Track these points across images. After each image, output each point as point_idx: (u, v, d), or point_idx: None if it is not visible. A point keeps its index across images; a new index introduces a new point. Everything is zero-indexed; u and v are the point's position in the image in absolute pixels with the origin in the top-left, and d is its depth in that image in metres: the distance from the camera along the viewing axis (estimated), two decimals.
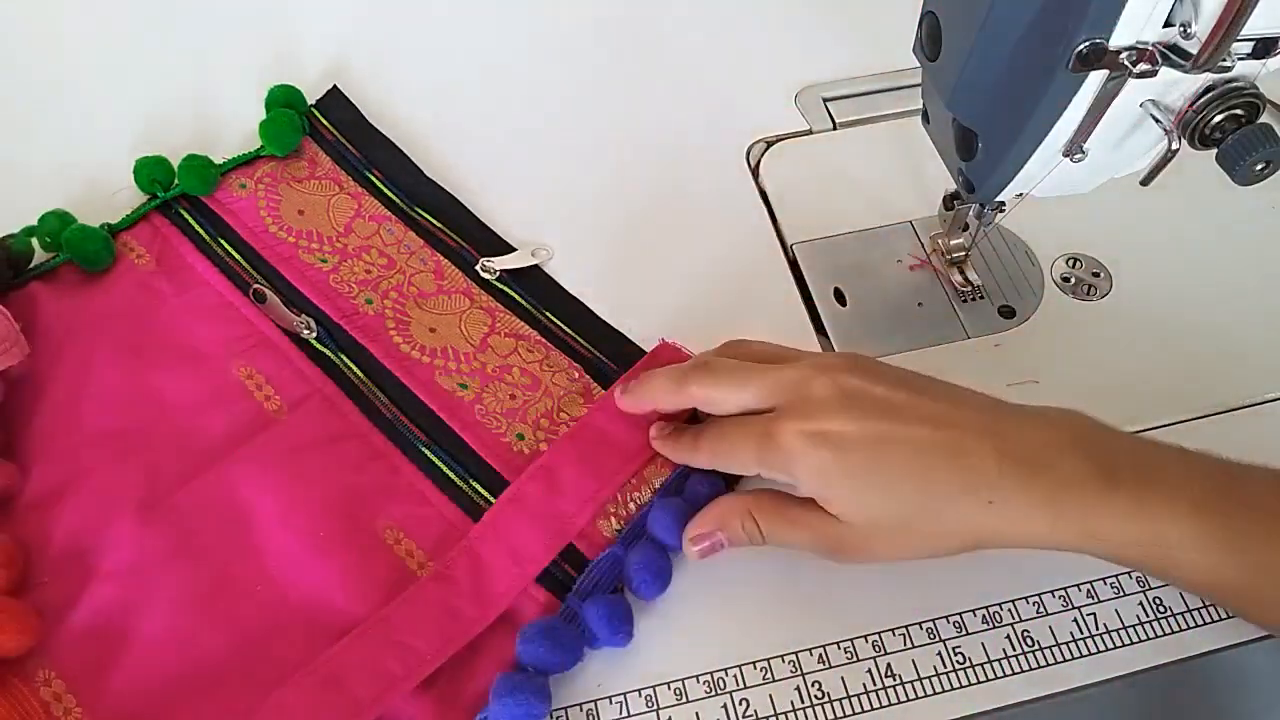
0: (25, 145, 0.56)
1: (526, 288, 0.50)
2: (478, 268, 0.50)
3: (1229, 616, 0.41)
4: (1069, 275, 0.51)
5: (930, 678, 0.40)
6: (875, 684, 0.39)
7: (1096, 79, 0.36)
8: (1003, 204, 0.45)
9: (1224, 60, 0.34)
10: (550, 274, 0.51)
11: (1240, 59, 0.35)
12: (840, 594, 0.41)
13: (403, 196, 0.53)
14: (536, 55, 0.61)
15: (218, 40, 0.61)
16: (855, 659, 0.40)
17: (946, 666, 0.40)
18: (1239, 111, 0.36)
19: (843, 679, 0.40)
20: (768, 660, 0.40)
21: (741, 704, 0.39)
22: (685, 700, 0.39)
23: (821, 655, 0.40)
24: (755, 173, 0.56)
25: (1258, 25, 0.33)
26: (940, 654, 0.40)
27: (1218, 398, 0.47)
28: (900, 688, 0.39)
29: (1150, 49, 0.34)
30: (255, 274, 0.50)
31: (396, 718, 0.38)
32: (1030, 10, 0.35)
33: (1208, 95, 0.36)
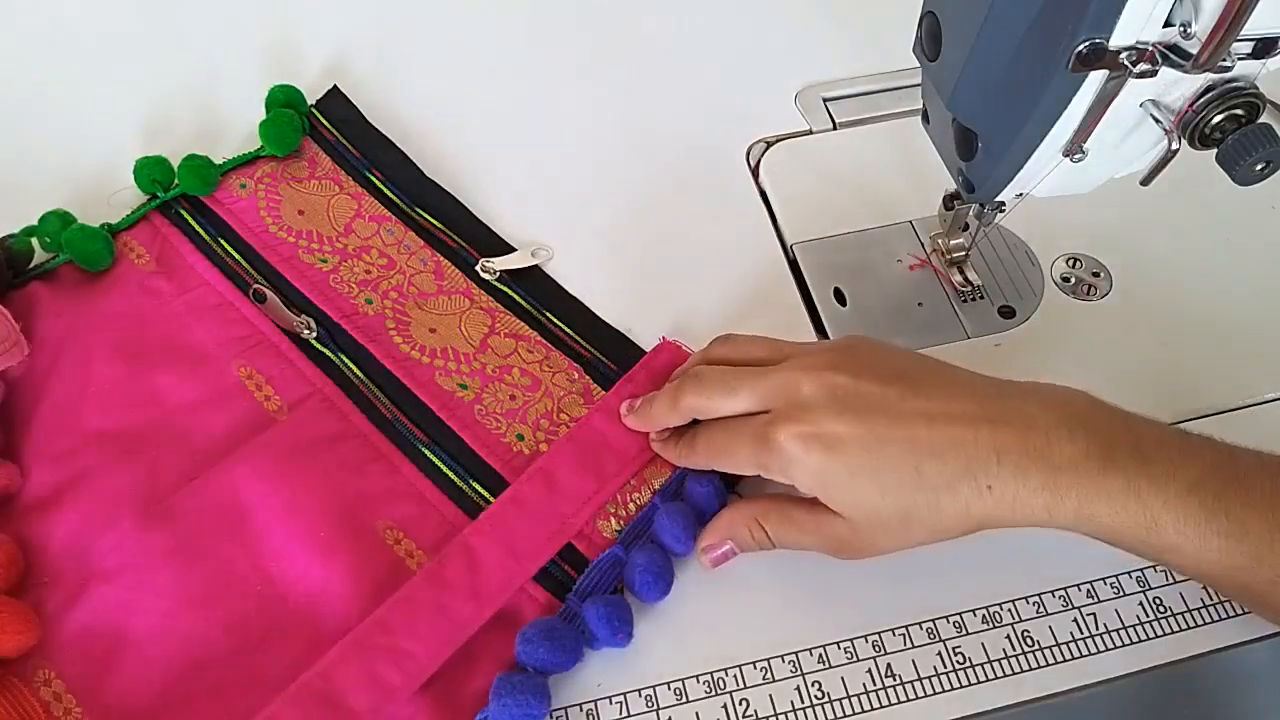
0: (26, 145, 0.56)
1: (526, 288, 0.50)
2: (478, 268, 0.50)
3: (1229, 616, 0.41)
4: (1069, 275, 0.51)
5: (930, 678, 0.40)
6: (875, 684, 0.40)
7: (1096, 79, 0.36)
8: (1003, 204, 0.45)
9: (1224, 60, 0.34)
10: (550, 274, 0.51)
11: (1240, 59, 0.35)
12: (840, 594, 0.41)
13: (403, 197, 0.53)
14: (536, 56, 0.61)
15: (218, 40, 0.61)
16: (855, 659, 0.40)
17: (946, 666, 0.40)
18: (1239, 111, 0.36)
19: (843, 679, 0.40)
20: (768, 660, 0.40)
21: (741, 704, 0.39)
22: (685, 700, 0.39)
23: (821, 655, 0.40)
24: (755, 173, 0.56)
25: (1258, 25, 0.33)
26: (940, 654, 0.40)
27: (1218, 398, 0.47)
28: (900, 688, 0.39)
29: (1150, 49, 0.34)
30: (255, 274, 0.50)
31: (396, 718, 0.38)
32: (1030, 10, 0.35)
33: (1208, 95, 0.36)
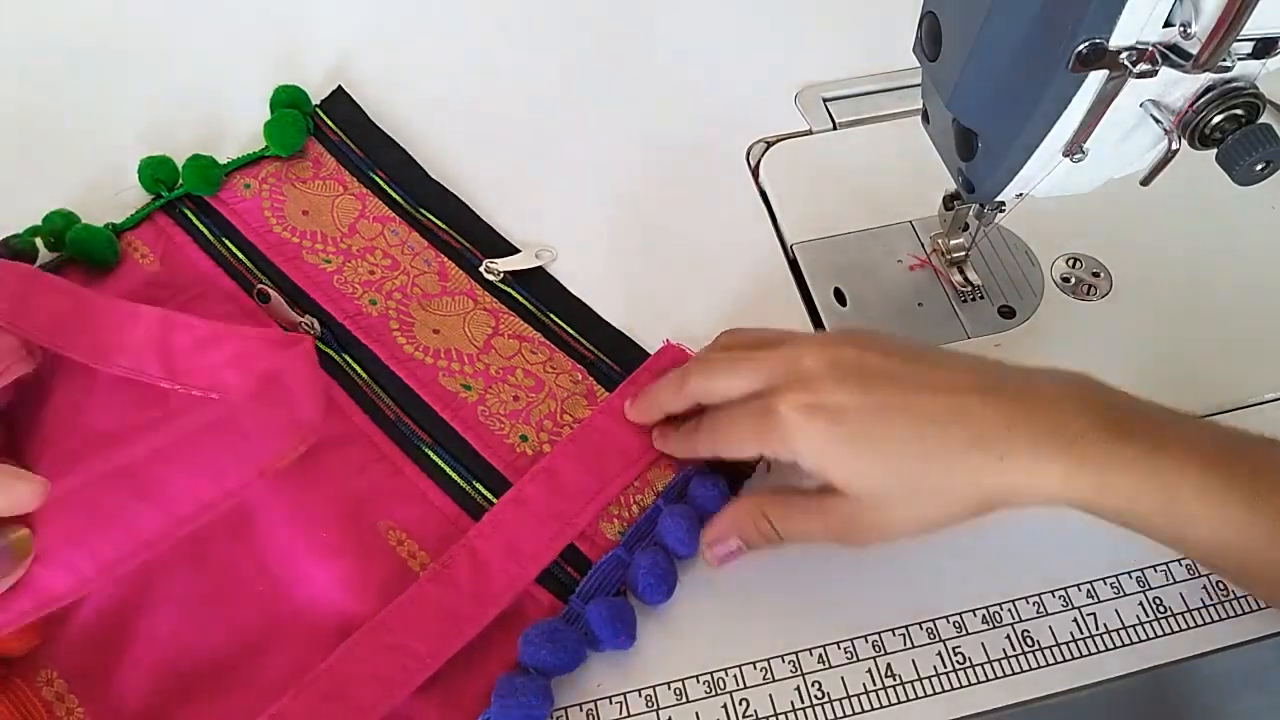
0: (29, 145, 0.56)
1: (530, 289, 0.50)
2: (481, 269, 0.51)
3: (1229, 616, 0.41)
4: (1069, 275, 0.51)
5: (930, 678, 0.40)
6: (875, 684, 0.40)
7: (1096, 79, 0.36)
8: (1003, 204, 0.45)
9: (1224, 60, 0.34)
10: (553, 275, 0.51)
11: (1240, 59, 0.35)
12: (840, 594, 0.41)
13: (407, 197, 0.53)
14: (538, 57, 0.61)
15: (222, 40, 0.61)
16: (855, 659, 0.40)
17: (946, 666, 0.40)
18: (1239, 111, 0.36)
19: (843, 679, 0.40)
20: (768, 660, 0.40)
21: (741, 704, 0.39)
22: (685, 700, 0.39)
23: (821, 655, 0.40)
24: (755, 173, 0.56)
25: (1258, 25, 0.33)
26: (940, 654, 0.40)
27: (1218, 398, 0.47)
28: (900, 688, 0.40)
29: (1150, 49, 0.34)
30: (259, 274, 0.50)
31: (399, 718, 0.38)
32: (1030, 10, 0.35)
33: (1208, 95, 0.36)
